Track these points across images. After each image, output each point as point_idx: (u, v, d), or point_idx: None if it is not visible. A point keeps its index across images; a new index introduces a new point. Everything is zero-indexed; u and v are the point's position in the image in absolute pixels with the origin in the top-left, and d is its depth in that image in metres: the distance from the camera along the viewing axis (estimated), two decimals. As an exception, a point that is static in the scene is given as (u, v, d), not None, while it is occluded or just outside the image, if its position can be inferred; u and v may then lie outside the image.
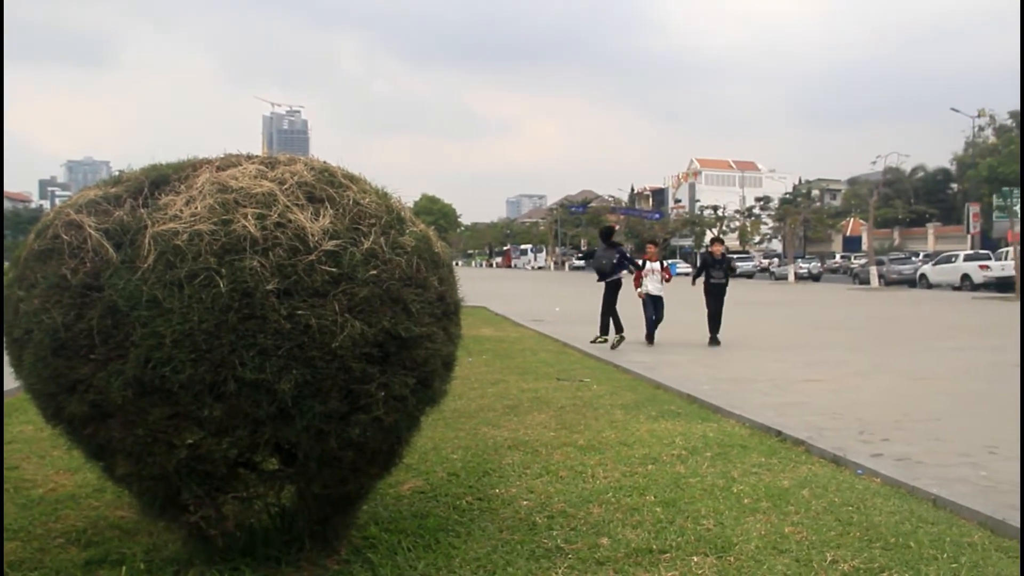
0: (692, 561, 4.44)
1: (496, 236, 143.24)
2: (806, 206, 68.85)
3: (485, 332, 17.64)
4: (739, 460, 6.62)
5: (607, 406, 8.97)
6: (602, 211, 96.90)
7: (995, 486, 5.96)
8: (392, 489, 5.69)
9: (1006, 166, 32.57)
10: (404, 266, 3.98)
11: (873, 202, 50.73)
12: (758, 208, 75.54)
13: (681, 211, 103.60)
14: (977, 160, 41.19)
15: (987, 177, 34.40)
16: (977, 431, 7.78)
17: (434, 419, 5.67)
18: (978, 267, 39.72)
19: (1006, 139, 38.27)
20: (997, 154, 35.34)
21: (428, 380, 4.12)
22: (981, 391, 10.24)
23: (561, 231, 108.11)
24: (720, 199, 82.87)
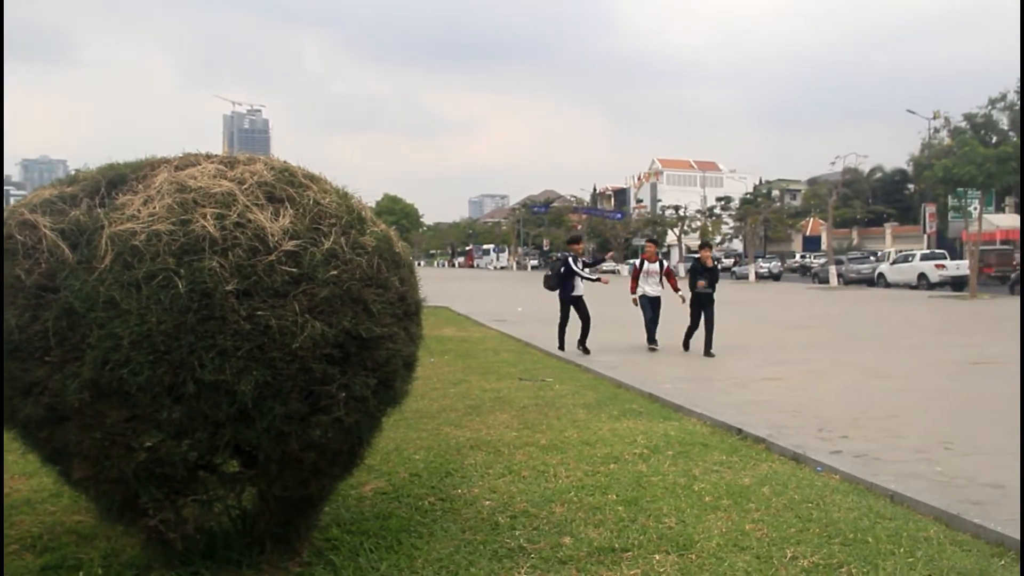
0: (654, 559, 4.47)
1: (458, 236, 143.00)
2: (766, 206, 69.36)
3: (447, 332, 17.62)
4: (700, 458, 6.67)
5: (569, 405, 8.99)
6: (564, 211, 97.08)
7: (950, 481, 6.06)
8: (354, 490, 5.66)
9: (960, 167, 32.96)
10: (365, 266, 3.97)
11: (832, 202, 51.25)
12: (719, 208, 75.93)
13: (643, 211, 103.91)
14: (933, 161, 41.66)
15: (943, 178, 34.78)
16: (933, 428, 7.89)
17: (396, 420, 5.65)
18: (934, 266, 40.34)
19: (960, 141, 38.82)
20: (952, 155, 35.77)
21: (389, 381, 4.10)
22: (937, 388, 10.38)
23: (523, 231, 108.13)
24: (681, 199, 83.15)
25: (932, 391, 10.17)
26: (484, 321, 20.59)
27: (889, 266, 44.20)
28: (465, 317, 22.16)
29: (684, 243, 73.10)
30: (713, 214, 75.93)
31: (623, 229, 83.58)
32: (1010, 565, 4.45)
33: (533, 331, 17.59)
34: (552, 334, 14.74)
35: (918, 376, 11.45)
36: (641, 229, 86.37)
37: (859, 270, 47.94)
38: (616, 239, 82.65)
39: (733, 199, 76.97)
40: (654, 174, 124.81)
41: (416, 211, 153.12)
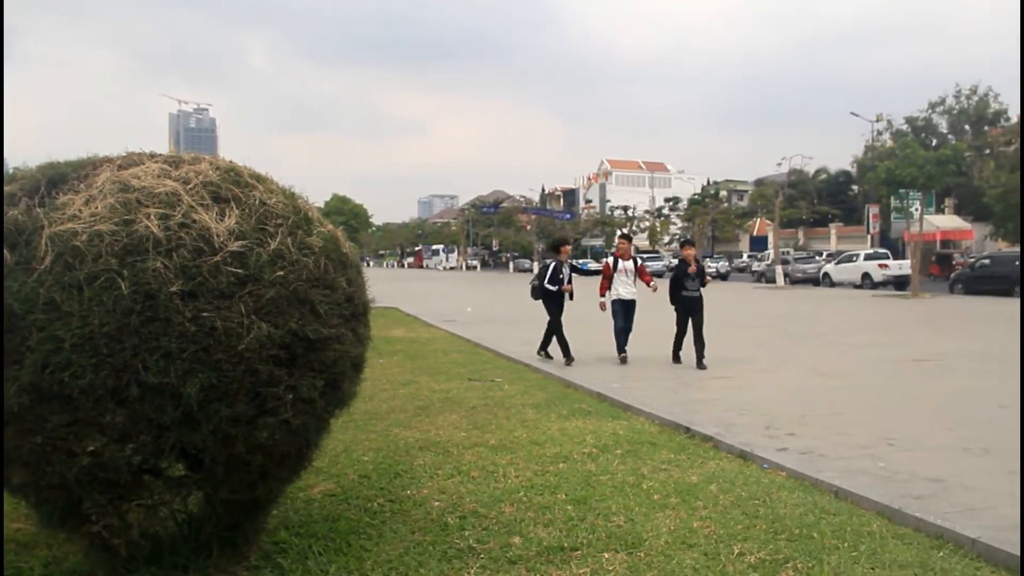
0: (603, 558, 4.49)
1: (408, 236, 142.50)
2: (714, 206, 70.05)
3: (396, 333, 17.55)
4: (649, 457, 6.71)
5: (518, 405, 9.01)
6: (514, 211, 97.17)
7: (892, 476, 6.17)
8: (302, 493, 5.62)
9: (902, 169, 33.59)
10: (311, 267, 3.94)
11: (778, 203, 51.90)
12: (667, 208, 76.63)
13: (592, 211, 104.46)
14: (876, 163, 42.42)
15: (885, 179, 35.41)
16: (877, 424, 8.03)
17: (344, 421, 5.63)
18: (878, 266, 41.08)
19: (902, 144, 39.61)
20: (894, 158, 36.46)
21: (337, 382, 4.08)
22: (881, 385, 10.56)
23: (473, 231, 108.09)
24: (630, 199, 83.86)
25: (876, 388, 10.34)
26: (433, 322, 20.54)
27: (834, 266, 44.91)
28: (414, 318, 22.09)
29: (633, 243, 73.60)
30: (661, 214, 76.62)
31: (572, 230, 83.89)
32: (948, 557, 4.54)
33: (482, 332, 17.60)
34: (504, 335, 14.76)
35: (862, 374, 11.63)
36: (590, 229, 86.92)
37: (805, 270, 48.67)
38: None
39: (681, 200, 77.71)
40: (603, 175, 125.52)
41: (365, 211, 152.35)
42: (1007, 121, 59.64)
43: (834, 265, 45.13)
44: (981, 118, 59.07)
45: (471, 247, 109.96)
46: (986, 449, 7.06)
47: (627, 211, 74.19)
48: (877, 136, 58.56)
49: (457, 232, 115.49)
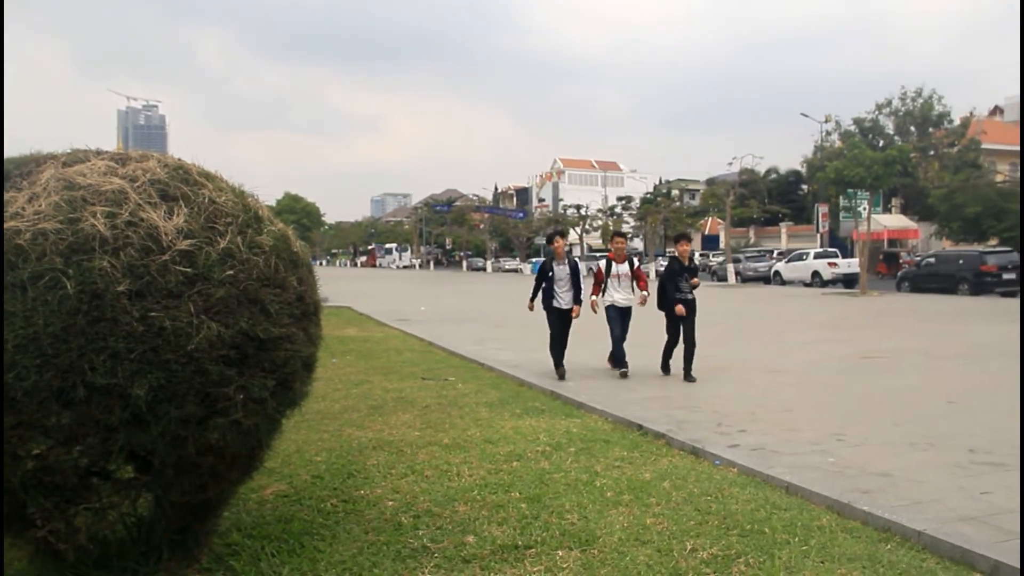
0: (557, 555, 4.50)
1: (361, 235, 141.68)
2: (666, 205, 70.47)
3: (349, 332, 17.45)
4: (602, 454, 6.74)
5: (472, 404, 9.00)
6: (467, 210, 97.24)
7: (842, 471, 6.26)
8: (255, 494, 5.56)
9: (850, 169, 34.15)
10: (262, 266, 3.90)
11: (730, 202, 52.40)
12: (620, 207, 77.01)
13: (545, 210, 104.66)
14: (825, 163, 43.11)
15: (834, 179, 35.99)
16: (826, 420, 8.13)
17: (297, 421, 5.58)
18: (827, 264, 41.72)
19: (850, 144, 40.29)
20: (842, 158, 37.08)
21: (288, 382, 4.04)
22: (830, 382, 10.70)
23: (426, 230, 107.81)
24: (583, 198, 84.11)
25: (825, 385, 10.48)
26: (386, 321, 20.46)
27: (784, 264, 45.52)
28: (367, 317, 21.99)
29: (586, 242, 73.89)
30: (614, 213, 76.96)
31: (525, 228, 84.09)
32: (895, 549, 4.62)
33: (436, 331, 17.57)
34: (457, 334, 14.72)
35: (812, 371, 11.79)
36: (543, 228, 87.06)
37: (756, 268, 49.23)
38: (518, 238, 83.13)
39: (634, 198, 78.16)
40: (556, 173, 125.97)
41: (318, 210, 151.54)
42: (950, 123, 60.85)
43: (785, 263, 45.75)
44: (926, 120, 60.16)
45: (424, 246, 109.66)
46: (932, 444, 7.19)
47: (580, 210, 74.39)
48: (826, 137, 59.49)
49: (410, 231, 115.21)
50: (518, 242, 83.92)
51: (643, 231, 68.98)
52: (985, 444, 7.18)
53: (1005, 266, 31.81)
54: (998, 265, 31.73)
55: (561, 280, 11.22)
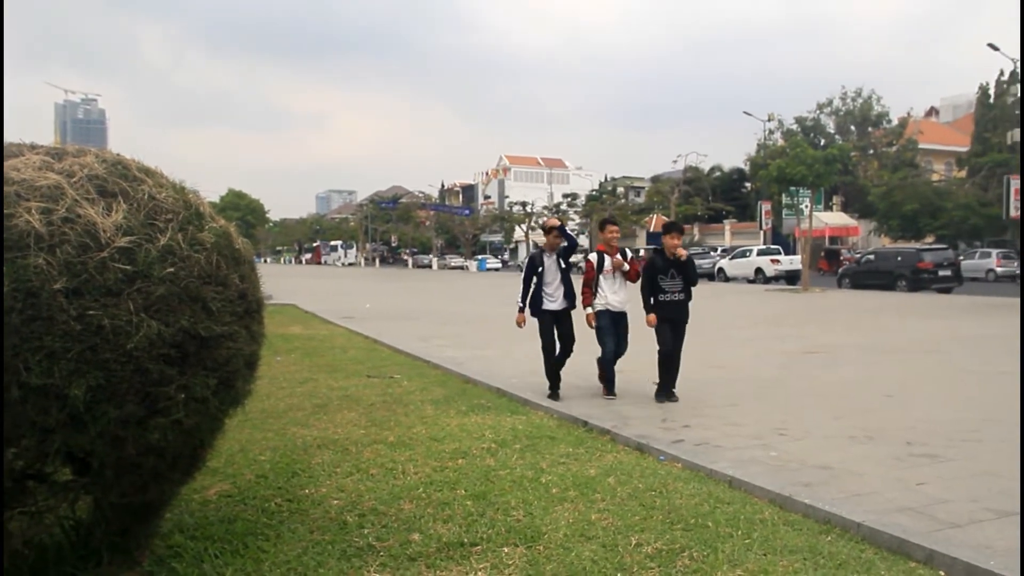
0: (503, 552, 4.51)
1: (306, 232, 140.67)
2: (611, 202, 71.06)
3: (294, 330, 17.30)
4: (547, 451, 6.76)
5: (417, 402, 8.98)
6: (412, 207, 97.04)
7: (784, 465, 6.35)
8: (197, 494, 5.49)
9: (792, 168, 34.67)
10: (203, 263, 3.84)
11: (674, 199, 52.99)
12: (566, 204, 77.37)
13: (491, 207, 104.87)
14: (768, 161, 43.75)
15: (776, 177, 36.49)
16: (769, 415, 8.24)
17: (240, 420, 5.52)
18: (770, 261, 42.37)
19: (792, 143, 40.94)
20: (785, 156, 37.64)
21: (231, 380, 3.99)
22: (773, 377, 10.85)
23: (372, 227, 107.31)
24: (529, 195, 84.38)
25: (768, 380, 10.62)
26: (331, 318, 20.31)
27: (728, 261, 46.16)
28: (312, 315, 21.82)
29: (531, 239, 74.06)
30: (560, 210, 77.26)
31: (471, 225, 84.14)
32: (835, 541, 4.70)
33: (381, 328, 17.49)
34: (402, 331, 14.66)
35: (755, 366, 11.94)
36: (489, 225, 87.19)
37: (700, 265, 49.73)
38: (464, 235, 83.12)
39: (579, 196, 78.63)
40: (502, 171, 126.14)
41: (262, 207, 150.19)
42: (889, 123, 62.12)
43: (728, 260, 46.41)
44: (865, 119, 61.34)
45: (370, 243, 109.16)
46: (871, 437, 7.32)
47: (525, 207, 74.59)
48: (769, 135, 60.44)
49: (356, 228, 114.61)
50: (464, 239, 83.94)
51: (589, 228, 69.32)
52: (921, 436, 7.33)
53: (941, 263, 32.68)
54: (934, 262, 32.58)
55: (551, 276, 9.37)
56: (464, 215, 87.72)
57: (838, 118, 62.39)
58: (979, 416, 8.26)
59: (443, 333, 16.91)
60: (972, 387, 10.13)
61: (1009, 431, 7.61)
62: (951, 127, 79.69)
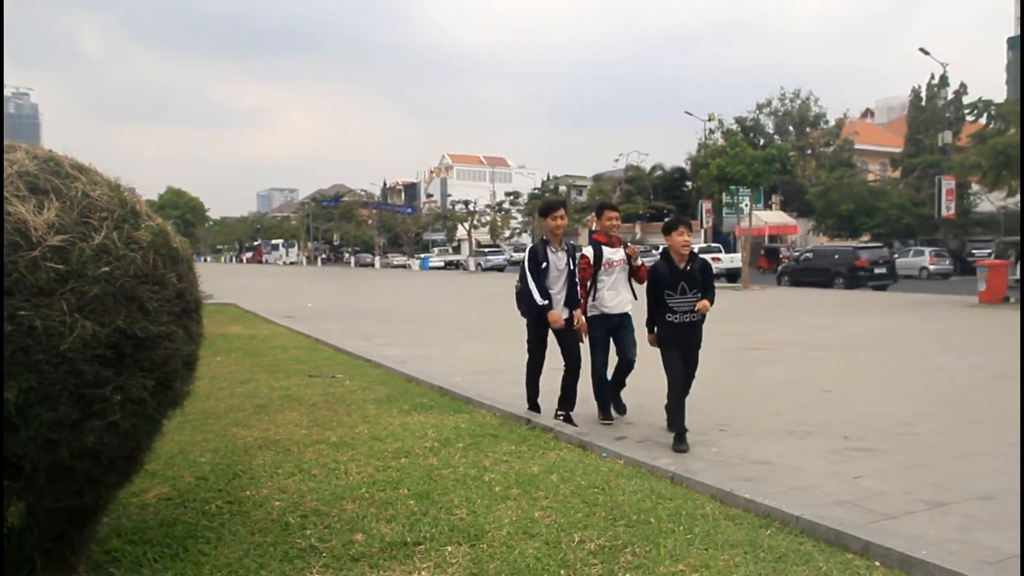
0: (446, 551, 4.50)
1: (246, 231, 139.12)
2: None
3: (234, 330, 17.09)
4: (490, 449, 6.76)
5: (360, 401, 8.92)
6: (355, 205, 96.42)
7: (725, 460, 6.44)
8: (136, 498, 5.39)
9: (732, 167, 35.13)
10: (139, 262, 3.77)
11: (616, 198, 53.30)
12: (508, 203, 77.48)
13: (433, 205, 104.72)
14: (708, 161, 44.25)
15: (716, 176, 36.92)
16: (710, 411, 8.34)
17: (179, 422, 5.44)
18: (711, 259, 42.80)
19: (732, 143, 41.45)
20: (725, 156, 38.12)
21: (168, 381, 3.92)
22: (714, 374, 10.94)
23: (313, 226, 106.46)
24: (471, 194, 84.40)
25: (709, 377, 10.69)
26: (273, 318, 20.09)
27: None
28: (253, 314, 21.56)
29: (474, 237, 74.06)
30: (502, 209, 77.37)
31: (413, 224, 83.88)
32: (775, 534, 4.77)
33: (323, 327, 17.36)
34: (345, 330, 14.56)
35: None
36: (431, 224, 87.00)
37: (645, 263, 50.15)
38: (407, 233, 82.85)
39: (522, 194, 78.75)
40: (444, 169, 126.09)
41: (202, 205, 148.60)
42: (826, 124, 63.21)
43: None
44: (803, 120, 62.33)
45: (312, 241, 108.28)
46: (809, 432, 7.44)
47: (468, 205, 74.54)
48: (709, 135, 61.05)
49: (297, 226, 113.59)
50: (406, 237, 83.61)
51: (532, 226, 69.50)
52: (858, 431, 7.48)
53: (876, 261, 33.47)
54: (870, 260, 33.36)
55: (556, 273, 7.83)
56: (407, 214, 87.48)
57: (777, 118, 63.32)
58: (913, 410, 8.45)
59: (386, 332, 16.84)
60: (907, 382, 10.35)
61: (941, 424, 7.81)
62: (885, 128, 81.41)
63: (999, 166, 26.41)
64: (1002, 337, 15.56)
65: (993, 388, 9.97)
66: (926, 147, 54.76)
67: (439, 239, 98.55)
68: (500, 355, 13.01)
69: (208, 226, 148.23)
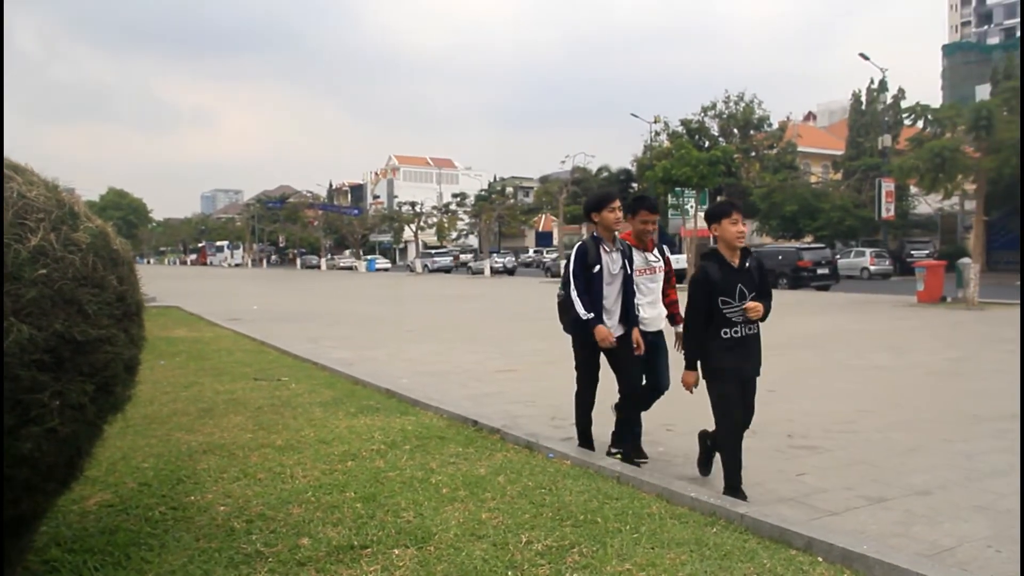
0: (393, 554, 4.48)
1: (191, 232, 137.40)
2: (500, 203, 71.32)
3: (178, 333, 16.86)
4: (437, 451, 6.75)
5: (306, 404, 8.85)
6: (300, 206, 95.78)
7: (671, 460, 6.51)
8: (76, 505, 5.30)
9: (678, 169, 35.51)
10: (78, 264, 3.70)
11: (562, 199, 53.50)
12: (455, 204, 77.43)
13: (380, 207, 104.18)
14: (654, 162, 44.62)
15: (662, 178, 37.28)
16: (657, 411, 8.36)
17: (121, 427, 5.35)
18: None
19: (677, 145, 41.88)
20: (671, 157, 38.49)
21: (109, 386, 3.85)
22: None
23: (259, 227, 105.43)
24: (418, 195, 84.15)
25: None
26: (217, 320, 19.87)
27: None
28: (197, 317, 21.30)
29: (421, 239, 73.87)
30: (449, 210, 77.28)
31: (360, 225, 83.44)
32: (720, 532, 4.82)
33: (269, 330, 17.20)
34: (290, 333, 14.39)
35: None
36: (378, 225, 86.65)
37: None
38: (353, 235, 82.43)
39: (468, 196, 78.80)
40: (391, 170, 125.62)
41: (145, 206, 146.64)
42: (769, 127, 63.99)
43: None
44: (748, 123, 62.98)
45: (257, 243, 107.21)
46: (754, 431, 7.49)
47: (415, 207, 74.32)
48: (655, 137, 61.50)
49: (242, 228, 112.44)
50: (353, 239, 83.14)
51: (478, 228, 69.51)
52: (801, 429, 7.60)
53: (819, 262, 34.09)
54: (813, 261, 33.96)
55: (610, 279, 6.49)
56: (353, 215, 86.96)
57: (722, 121, 63.87)
58: (855, 408, 8.60)
59: (332, 334, 16.73)
60: (848, 381, 10.53)
61: (882, 421, 7.97)
62: (827, 131, 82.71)
63: (935, 169, 26.99)
64: (939, 335, 15.92)
65: (931, 386, 10.19)
66: (866, 150, 55.74)
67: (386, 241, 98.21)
68: (447, 357, 13.01)
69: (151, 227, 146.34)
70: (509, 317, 21.47)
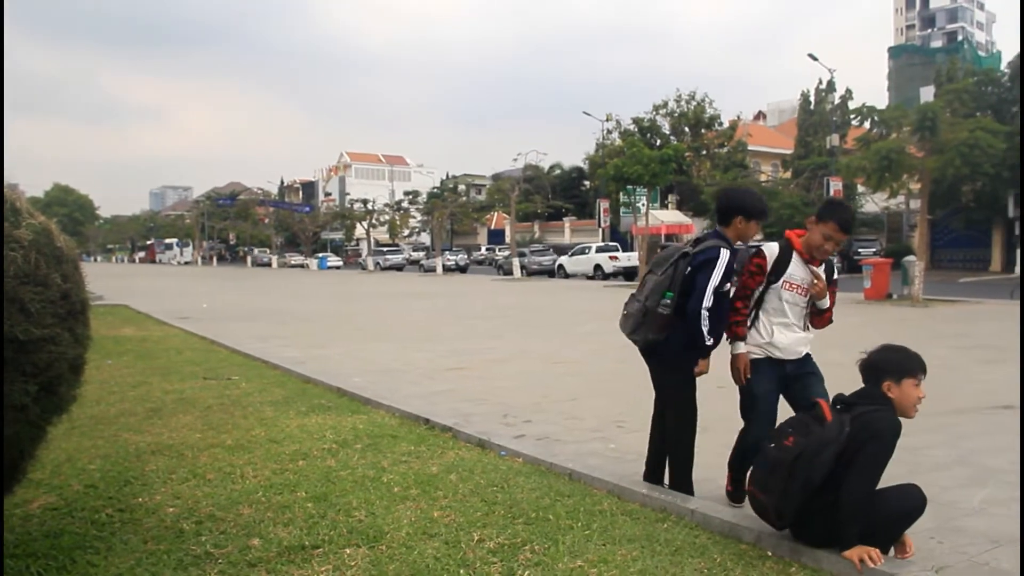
0: (345, 553, 4.46)
1: (139, 229, 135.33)
2: (453, 200, 71.15)
3: (126, 332, 16.61)
4: (389, 450, 6.72)
5: (256, 403, 8.76)
6: (251, 204, 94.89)
7: (622, 456, 6.54)
8: (19, 508, 5.19)
9: (630, 167, 35.65)
10: (20, 262, 3.63)
11: (515, 197, 53.53)
12: (407, 202, 77.14)
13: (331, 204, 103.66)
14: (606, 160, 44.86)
15: (614, 176, 37.42)
16: (608, 408, 8.45)
17: (67, 428, 5.27)
18: (608, 258, 43.53)
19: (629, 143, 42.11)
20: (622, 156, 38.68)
21: (53, 386, 3.79)
22: (612, 371, 11.11)
23: (208, 224, 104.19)
24: (370, 192, 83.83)
25: (607, 374, 10.87)
26: (166, 319, 19.59)
27: (568, 258, 47.17)
28: (146, 315, 20.99)
29: (373, 236, 73.52)
30: (401, 208, 76.99)
31: (311, 223, 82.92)
32: (672, 528, 4.86)
33: (218, 328, 17.00)
34: (240, 331, 14.24)
35: (594, 360, 12.20)
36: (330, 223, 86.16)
37: (540, 262, 50.77)
38: (305, 233, 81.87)
39: (421, 193, 78.57)
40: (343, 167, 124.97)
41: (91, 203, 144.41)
42: (720, 126, 64.64)
43: (568, 257, 47.40)
44: (699, 121, 63.57)
45: (207, 241, 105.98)
46: (705, 427, 7.56)
47: (367, 204, 73.93)
48: (607, 135, 61.89)
49: (192, 225, 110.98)
50: (304, 236, 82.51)
51: (430, 225, 69.33)
52: (751, 426, 7.66)
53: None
54: (764, 258, 34.21)
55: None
56: (304, 212, 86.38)
57: (673, 119, 64.36)
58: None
59: (282, 333, 16.59)
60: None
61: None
62: (777, 131, 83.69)
63: (881, 169, 27.42)
64: (886, 332, 16.17)
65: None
66: (815, 149, 56.45)
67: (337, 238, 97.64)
68: (399, 355, 12.96)
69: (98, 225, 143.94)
70: (460, 315, 21.44)
